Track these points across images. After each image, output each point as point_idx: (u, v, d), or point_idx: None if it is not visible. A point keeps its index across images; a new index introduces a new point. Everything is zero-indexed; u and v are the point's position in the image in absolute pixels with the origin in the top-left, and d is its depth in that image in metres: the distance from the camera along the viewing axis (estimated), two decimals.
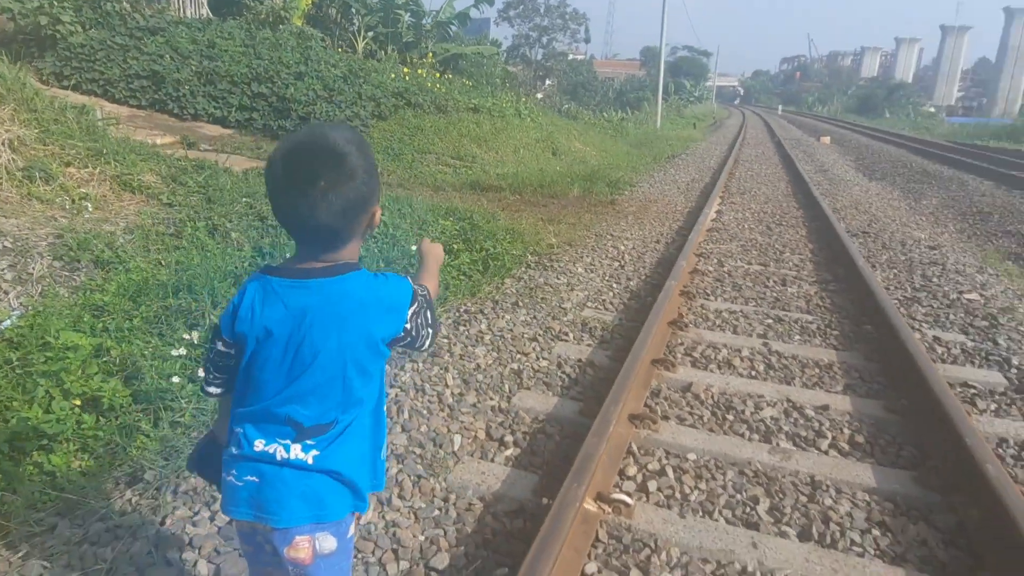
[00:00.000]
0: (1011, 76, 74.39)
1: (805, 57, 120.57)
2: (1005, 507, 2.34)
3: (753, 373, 3.83)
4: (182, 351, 3.00)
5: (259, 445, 1.26)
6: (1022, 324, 4.76)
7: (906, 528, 2.50)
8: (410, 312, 1.29)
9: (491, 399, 3.33)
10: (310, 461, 1.26)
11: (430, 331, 1.36)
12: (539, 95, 30.57)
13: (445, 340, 3.92)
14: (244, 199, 5.24)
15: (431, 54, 16.43)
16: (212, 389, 1.37)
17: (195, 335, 3.11)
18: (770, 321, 4.64)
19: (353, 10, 15.28)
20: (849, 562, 2.28)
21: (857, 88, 79.24)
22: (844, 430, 3.20)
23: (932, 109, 71.07)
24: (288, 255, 1.40)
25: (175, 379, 2.83)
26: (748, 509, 2.58)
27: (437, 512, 2.47)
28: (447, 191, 8.10)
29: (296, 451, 1.25)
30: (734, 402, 3.43)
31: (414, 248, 4.29)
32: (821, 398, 3.51)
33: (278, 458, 1.25)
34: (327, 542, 1.29)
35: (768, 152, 17.88)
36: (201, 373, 2.98)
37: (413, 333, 1.30)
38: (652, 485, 2.68)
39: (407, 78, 12.17)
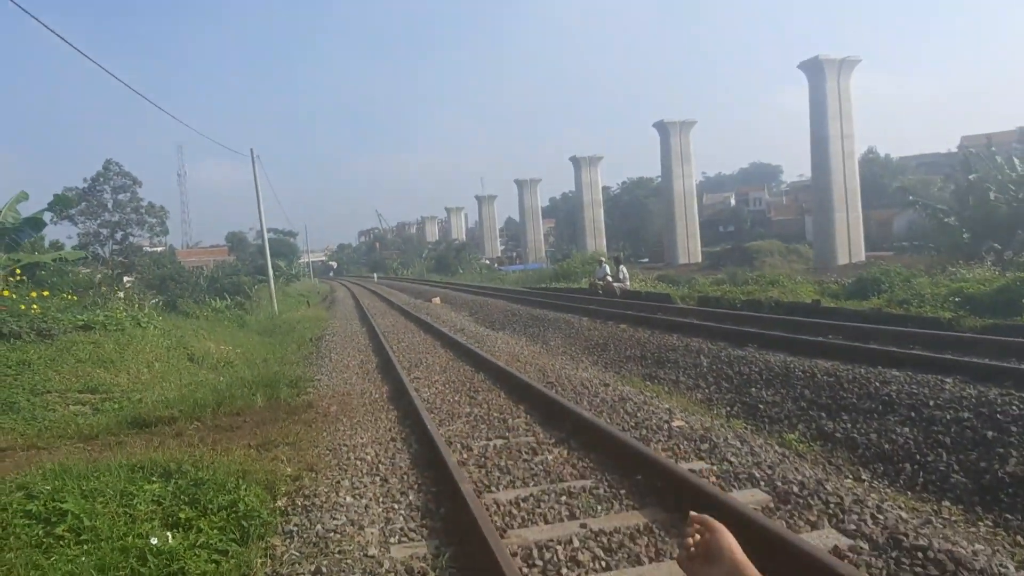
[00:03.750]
0: (532, 230, 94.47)
1: (378, 228, 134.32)
2: None
3: (598, 566, 3.71)
4: None
5: None
6: (730, 440, 5.73)
7: None
8: None
9: None
10: None
11: None
12: (120, 294, 27.26)
13: None
14: None
15: (18, 270, 13.18)
16: None
17: None
18: (564, 498, 4.63)
19: None
20: None
21: (429, 251, 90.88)
22: None
23: (487, 262, 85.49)
24: None
25: None
26: None
27: None
28: (104, 438, 6.28)
29: None
30: None
31: None
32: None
33: None
34: None
35: (401, 321, 18.82)
36: None
37: None
38: None
39: None
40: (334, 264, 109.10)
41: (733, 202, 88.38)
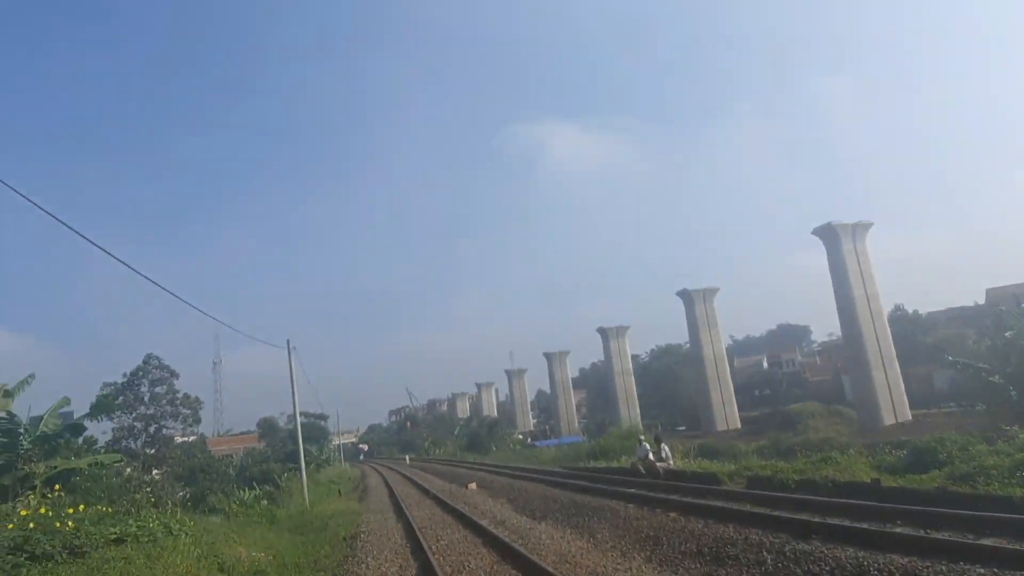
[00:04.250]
0: (564, 403, 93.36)
1: (408, 407, 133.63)
2: None
3: None
4: None
5: None
6: None
7: None
8: None
9: None
10: None
11: None
12: (148, 489, 26.99)
13: None
14: None
15: (57, 486, 13.19)
16: None
17: None
18: None
19: None
20: None
21: (461, 428, 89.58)
22: None
23: (520, 436, 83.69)
24: None
25: None
26: None
27: None
28: None
29: None
30: None
31: None
32: None
33: None
34: None
35: (438, 513, 18.13)
36: None
37: None
38: None
39: (31, 524, 9.34)
40: (364, 447, 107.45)
41: (766, 365, 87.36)
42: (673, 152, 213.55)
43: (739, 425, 60.85)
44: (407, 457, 68.80)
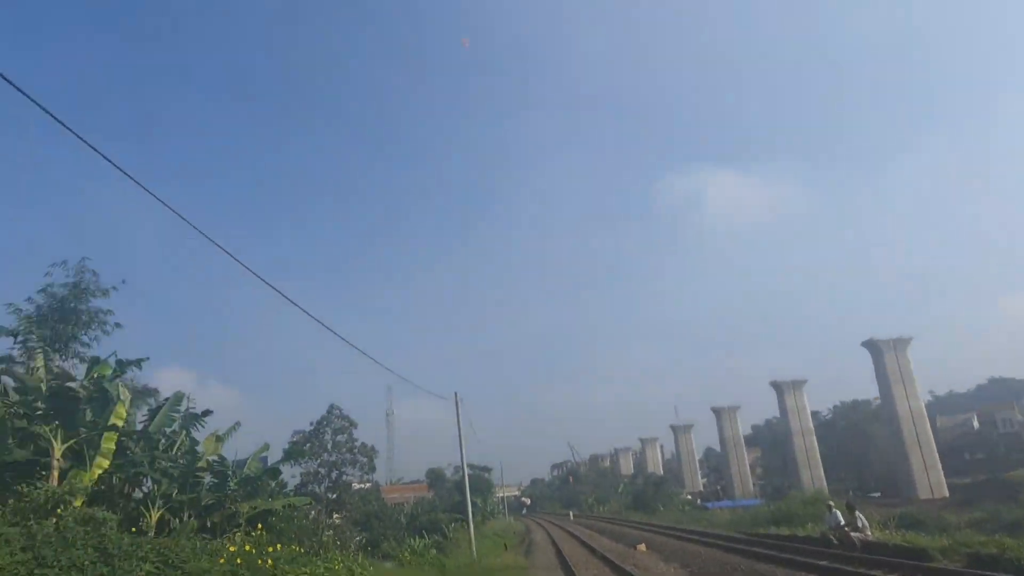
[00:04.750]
0: (736, 462, 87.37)
1: (571, 462, 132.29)
2: None
3: None
4: None
5: None
6: None
7: None
8: None
9: None
10: None
11: None
12: (330, 532, 28.62)
13: None
14: None
15: (260, 525, 14.46)
16: None
17: None
18: None
19: (149, 479, 13.50)
20: None
21: (626, 486, 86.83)
22: None
23: (689, 496, 79.25)
24: None
25: None
26: None
27: None
28: None
29: None
30: None
31: None
32: None
33: None
34: None
35: (607, 574, 17.46)
36: None
37: None
38: None
39: (238, 560, 10.24)
40: (527, 500, 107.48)
41: (976, 424, 76.25)
42: (850, 194, 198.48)
43: (946, 493, 53.22)
44: (571, 513, 67.70)
